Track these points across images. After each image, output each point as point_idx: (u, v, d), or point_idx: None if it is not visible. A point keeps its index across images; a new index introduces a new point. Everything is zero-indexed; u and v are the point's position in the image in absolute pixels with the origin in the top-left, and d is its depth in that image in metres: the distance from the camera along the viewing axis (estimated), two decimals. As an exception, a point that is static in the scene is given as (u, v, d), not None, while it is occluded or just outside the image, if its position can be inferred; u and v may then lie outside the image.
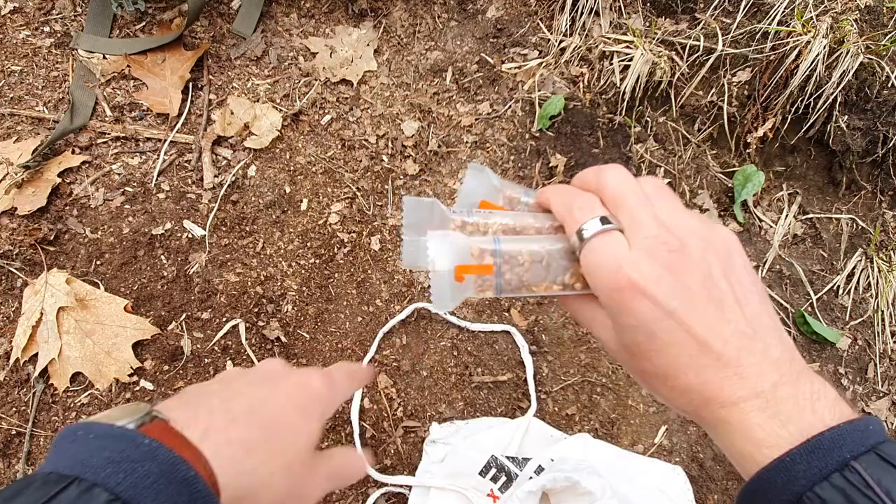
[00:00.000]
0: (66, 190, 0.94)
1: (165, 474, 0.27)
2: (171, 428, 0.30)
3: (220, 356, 0.88)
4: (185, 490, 0.28)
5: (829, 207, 1.00)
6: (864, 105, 0.93)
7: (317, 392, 0.39)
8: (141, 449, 0.28)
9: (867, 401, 0.90)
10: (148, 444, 0.28)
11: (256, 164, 0.98)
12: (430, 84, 1.04)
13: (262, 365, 0.41)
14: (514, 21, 1.06)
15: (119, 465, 0.27)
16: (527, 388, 0.88)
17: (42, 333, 0.85)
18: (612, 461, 0.83)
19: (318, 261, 0.93)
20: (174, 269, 0.91)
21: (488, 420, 0.86)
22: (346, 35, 1.05)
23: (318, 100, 1.02)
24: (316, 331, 0.90)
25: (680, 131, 1.00)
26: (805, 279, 0.95)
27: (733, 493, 0.85)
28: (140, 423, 0.30)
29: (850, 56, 0.89)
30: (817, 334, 0.91)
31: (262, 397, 0.36)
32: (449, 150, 1.00)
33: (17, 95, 0.99)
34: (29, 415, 0.84)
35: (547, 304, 0.92)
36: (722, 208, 0.98)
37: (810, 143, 1.00)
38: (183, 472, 0.28)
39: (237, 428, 0.33)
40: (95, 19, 1.02)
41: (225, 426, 0.32)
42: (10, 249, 0.89)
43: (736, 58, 0.95)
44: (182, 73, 1.00)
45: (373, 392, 0.88)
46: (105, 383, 0.85)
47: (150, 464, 0.27)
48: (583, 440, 0.83)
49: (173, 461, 0.28)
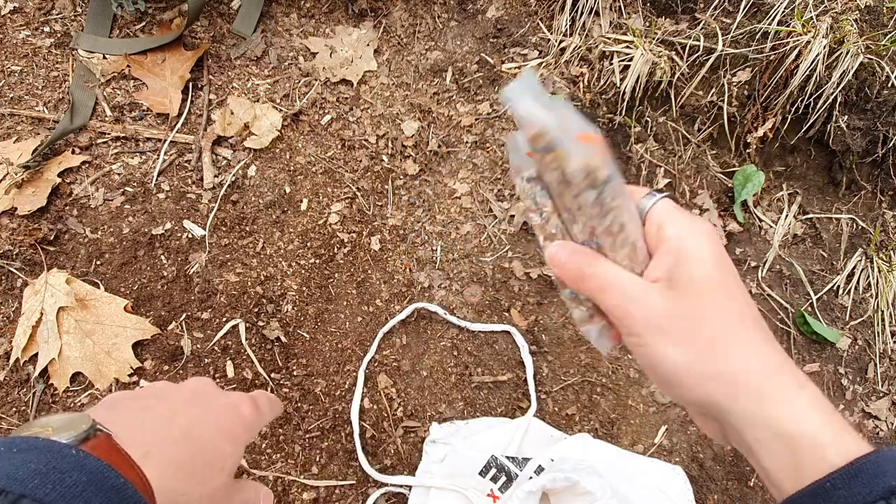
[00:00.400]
0: (66, 190, 0.94)
1: (94, 482, 0.27)
2: (115, 444, 0.31)
3: (220, 356, 0.88)
4: (114, 497, 0.28)
5: (829, 207, 1.00)
6: (864, 105, 0.93)
7: (245, 418, 0.40)
8: (68, 459, 0.28)
9: (867, 401, 0.90)
10: (75, 454, 0.28)
11: (256, 164, 0.98)
12: (430, 84, 1.04)
13: (193, 382, 0.41)
14: (514, 21, 1.06)
15: (46, 476, 0.27)
16: (527, 388, 0.88)
17: (42, 333, 0.85)
18: (612, 461, 0.83)
19: (318, 261, 0.93)
20: (174, 269, 0.91)
21: (488, 420, 0.86)
22: (346, 35, 1.05)
23: (318, 100, 1.02)
24: (316, 331, 0.90)
25: (680, 131, 1.00)
26: (805, 279, 0.95)
27: (733, 492, 0.85)
28: (85, 436, 0.30)
29: (850, 56, 0.89)
30: (817, 334, 0.91)
31: (196, 418, 0.37)
32: (449, 150, 1.00)
33: (17, 95, 0.99)
34: (29, 415, 0.84)
35: (547, 303, 0.92)
36: (722, 208, 0.98)
37: (810, 143, 1.00)
38: (112, 479, 0.28)
39: (175, 449, 0.34)
40: (95, 19, 1.02)
41: (166, 447, 0.33)
42: (10, 249, 0.89)
43: (736, 58, 0.95)
44: (182, 73, 1.00)
45: (373, 392, 0.88)
46: (105, 383, 0.85)
47: (78, 473, 0.27)
48: (583, 440, 0.83)
49: (101, 470, 0.28)
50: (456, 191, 0.98)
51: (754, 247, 0.96)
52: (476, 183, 0.98)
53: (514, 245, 0.95)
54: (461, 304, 0.92)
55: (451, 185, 0.98)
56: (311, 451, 0.85)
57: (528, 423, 0.84)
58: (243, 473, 0.83)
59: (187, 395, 0.39)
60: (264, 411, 0.43)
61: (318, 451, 0.85)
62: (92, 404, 0.85)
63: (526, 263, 0.94)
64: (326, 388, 0.88)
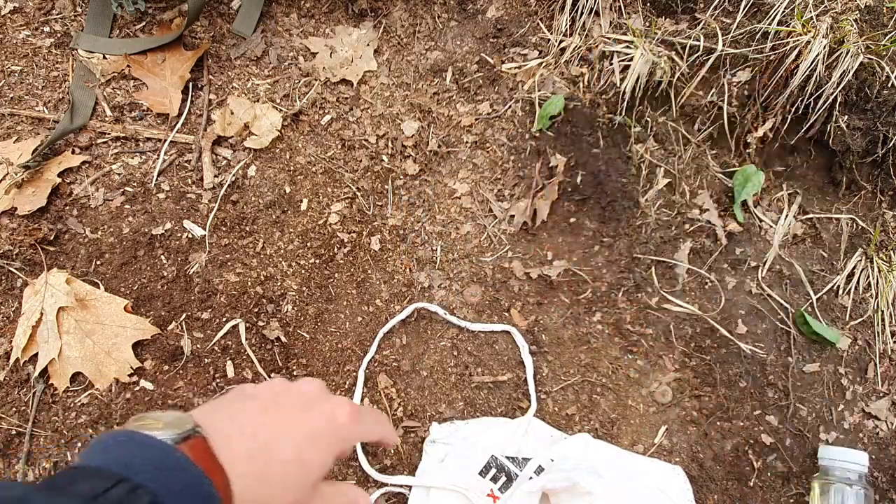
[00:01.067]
0: (66, 190, 0.94)
1: (192, 487, 0.31)
2: (208, 448, 0.34)
3: (220, 356, 0.88)
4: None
5: (829, 207, 1.00)
6: (864, 105, 0.93)
7: (341, 428, 0.41)
8: (174, 460, 0.31)
9: (867, 401, 0.90)
10: (179, 457, 0.32)
11: (256, 164, 0.98)
12: (430, 84, 1.04)
13: (304, 385, 0.43)
14: (514, 21, 1.06)
15: (158, 473, 0.31)
16: (527, 388, 0.88)
17: (42, 333, 0.86)
18: (611, 461, 0.83)
19: (317, 261, 0.93)
20: (174, 269, 0.91)
21: (488, 420, 0.86)
22: (346, 35, 1.05)
23: (318, 100, 1.02)
24: (316, 331, 0.90)
25: (680, 131, 1.00)
26: (805, 279, 0.95)
27: (733, 492, 0.85)
28: (186, 435, 0.33)
29: (850, 56, 0.89)
30: (817, 334, 0.91)
31: (286, 426, 0.38)
32: (449, 150, 1.00)
33: (17, 95, 0.99)
34: (29, 415, 0.84)
35: (547, 303, 0.92)
36: (722, 208, 0.98)
37: (810, 143, 1.00)
38: (205, 488, 0.32)
39: (260, 460, 0.36)
40: (95, 19, 1.03)
41: (251, 457, 0.36)
42: (10, 249, 0.89)
43: (736, 58, 0.95)
44: (182, 73, 1.00)
45: (373, 392, 0.88)
46: (105, 383, 0.85)
47: (182, 475, 0.31)
48: (583, 440, 0.83)
49: (199, 476, 0.32)
50: (456, 191, 0.98)
51: (754, 247, 0.96)
52: (476, 183, 0.98)
53: (514, 245, 0.95)
54: (461, 304, 0.92)
55: (451, 185, 0.98)
56: (311, 451, 0.85)
57: (529, 423, 0.84)
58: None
59: (291, 400, 0.41)
60: (366, 421, 0.44)
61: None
62: (92, 404, 0.85)
63: (526, 263, 0.94)
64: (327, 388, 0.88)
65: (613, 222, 0.96)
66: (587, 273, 0.94)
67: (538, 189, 0.96)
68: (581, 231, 0.96)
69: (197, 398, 0.86)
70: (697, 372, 0.89)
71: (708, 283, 0.94)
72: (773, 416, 0.89)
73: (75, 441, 0.83)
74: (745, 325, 0.92)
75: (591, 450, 0.82)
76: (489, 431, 0.84)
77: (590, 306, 0.92)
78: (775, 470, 0.87)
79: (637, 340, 0.91)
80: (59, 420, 0.84)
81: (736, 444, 0.87)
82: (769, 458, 0.87)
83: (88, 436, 0.84)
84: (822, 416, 0.89)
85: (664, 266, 0.95)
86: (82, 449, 0.28)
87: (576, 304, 0.92)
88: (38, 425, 0.84)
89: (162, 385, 0.86)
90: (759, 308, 0.93)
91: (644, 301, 0.93)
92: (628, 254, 0.95)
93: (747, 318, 0.93)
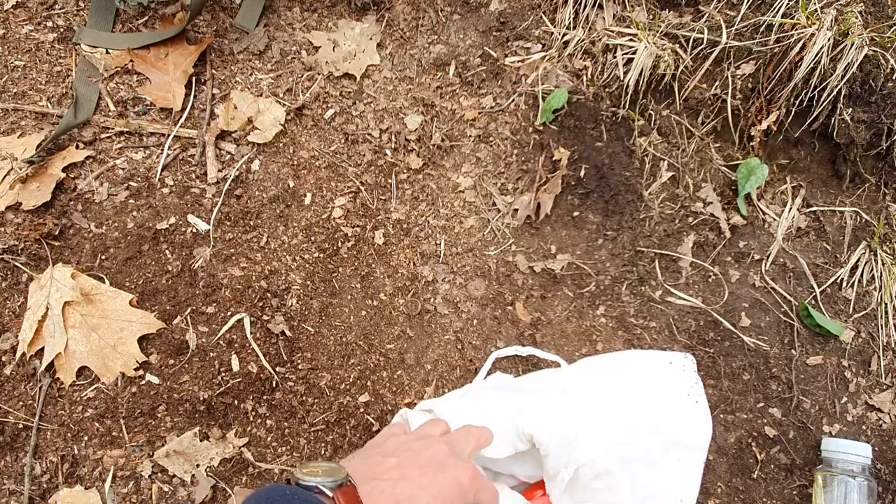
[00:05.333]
0: (71, 185, 0.94)
1: None
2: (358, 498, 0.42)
3: (225, 350, 0.88)
4: None
5: (832, 200, 1.00)
6: (868, 97, 0.93)
7: (464, 488, 0.49)
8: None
9: (870, 393, 0.91)
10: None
11: (260, 159, 0.98)
12: (434, 78, 1.03)
13: (433, 447, 0.52)
14: (517, 14, 1.06)
15: None
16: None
17: (48, 328, 0.86)
18: (605, 368, 0.83)
19: (322, 255, 0.94)
20: (179, 263, 0.92)
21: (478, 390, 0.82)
22: (348, 29, 1.05)
23: (322, 94, 1.02)
24: (320, 325, 0.91)
25: (684, 124, 0.99)
26: (809, 272, 0.95)
27: (737, 484, 0.85)
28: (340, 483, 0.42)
29: (854, 48, 0.89)
30: (821, 327, 0.91)
31: (423, 486, 0.47)
32: (452, 144, 1.00)
33: (20, 90, 0.99)
34: (36, 409, 0.84)
35: (551, 297, 0.93)
36: (725, 201, 0.98)
37: (814, 135, 0.99)
38: None
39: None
40: (98, 14, 1.02)
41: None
42: (15, 244, 0.89)
43: (740, 50, 0.95)
44: (185, 67, 1.00)
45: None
46: (111, 377, 0.86)
47: None
48: (576, 367, 0.84)
49: None
50: (459, 185, 0.98)
51: (758, 240, 0.96)
52: (479, 177, 0.98)
53: (517, 239, 0.95)
54: (465, 298, 0.92)
55: (454, 178, 0.98)
56: (317, 444, 0.86)
57: None
58: (249, 466, 0.84)
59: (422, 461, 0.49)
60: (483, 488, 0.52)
61: (324, 444, 0.86)
62: (98, 398, 0.85)
63: (529, 257, 0.94)
64: (331, 381, 0.88)
65: (617, 216, 0.96)
66: (591, 266, 0.94)
67: (542, 183, 0.96)
68: (584, 224, 0.96)
69: (202, 392, 0.86)
70: (701, 365, 0.89)
71: (711, 276, 0.94)
72: (776, 409, 0.89)
73: (82, 434, 0.84)
74: (748, 317, 0.92)
75: (584, 372, 0.83)
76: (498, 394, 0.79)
77: (593, 300, 0.93)
78: (779, 462, 0.87)
79: (640, 334, 0.91)
80: (65, 414, 0.85)
81: (739, 437, 0.87)
82: (773, 451, 0.87)
83: (95, 429, 0.84)
84: (826, 408, 0.90)
85: (668, 259, 0.95)
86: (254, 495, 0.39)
87: (579, 298, 0.93)
88: (45, 419, 0.85)
89: (167, 379, 0.87)
90: (762, 301, 0.93)
91: (647, 294, 0.93)
92: (632, 247, 0.95)
93: (751, 310, 0.93)
